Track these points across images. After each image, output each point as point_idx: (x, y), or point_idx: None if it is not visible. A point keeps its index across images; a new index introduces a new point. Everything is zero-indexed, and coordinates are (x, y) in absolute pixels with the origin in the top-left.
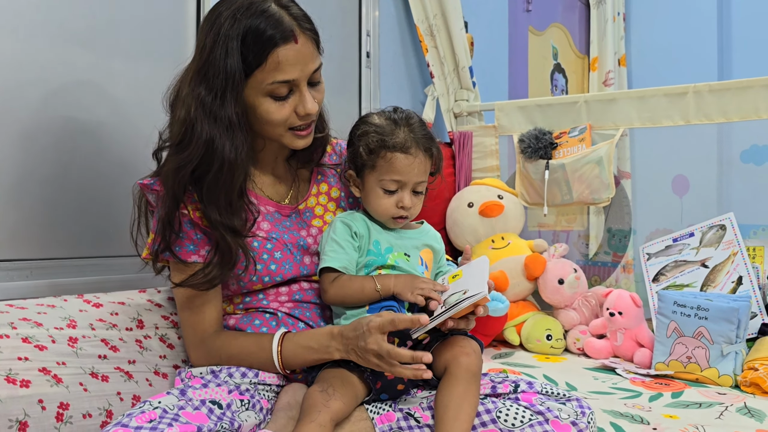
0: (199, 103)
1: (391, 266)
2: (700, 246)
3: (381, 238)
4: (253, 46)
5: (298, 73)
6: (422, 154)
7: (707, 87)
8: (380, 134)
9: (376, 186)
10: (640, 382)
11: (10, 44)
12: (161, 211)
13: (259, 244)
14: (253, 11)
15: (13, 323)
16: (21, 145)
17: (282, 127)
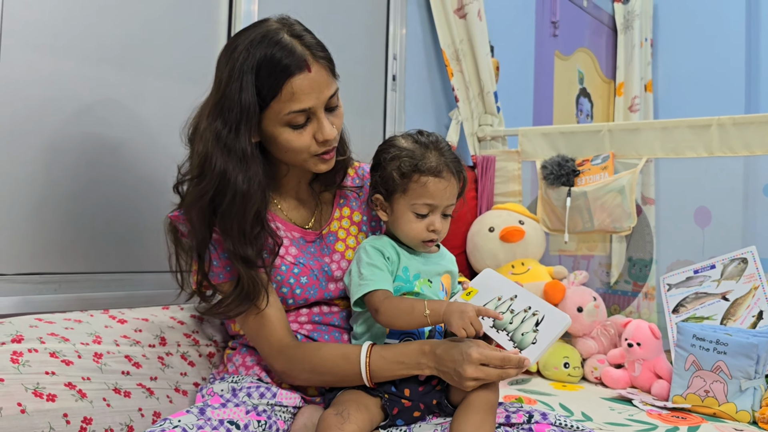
0: (215, 137)
1: (416, 293)
2: (721, 279)
3: (410, 264)
4: (267, 78)
5: (314, 101)
6: (453, 177)
7: (731, 120)
8: (412, 158)
9: (408, 210)
10: (657, 414)
11: (44, 62)
12: (192, 243)
13: (287, 268)
14: (267, 43)
15: (41, 338)
16: (50, 160)
17: (305, 154)
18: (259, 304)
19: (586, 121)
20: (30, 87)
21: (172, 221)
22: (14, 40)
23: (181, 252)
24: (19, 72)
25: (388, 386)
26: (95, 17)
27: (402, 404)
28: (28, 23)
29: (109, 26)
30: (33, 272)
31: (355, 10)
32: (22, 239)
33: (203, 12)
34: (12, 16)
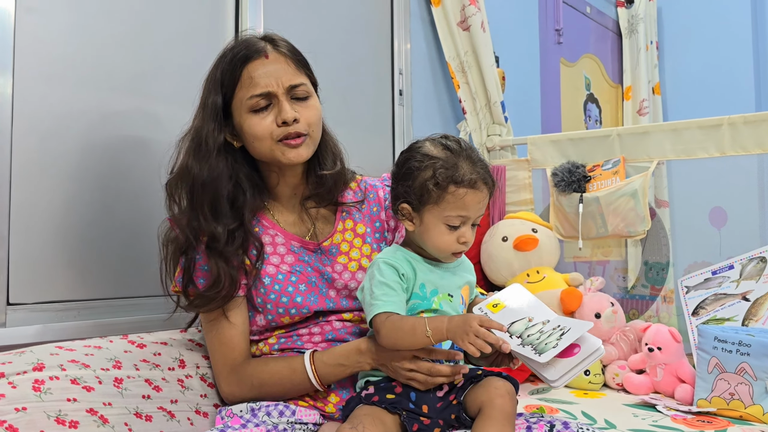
0: (192, 135)
1: (435, 310)
2: (740, 279)
3: (426, 280)
4: (228, 70)
5: (273, 86)
6: (486, 188)
7: (742, 119)
8: (447, 168)
9: (439, 222)
10: (682, 419)
11: (57, 93)
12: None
13: (284, 276)
14: (232, 45)
15: (62, 365)
16: (66, 190)
17: (269, 141)
18: (231, 297)
19: (595, 126)
20: (44, 118)
21: (171, 224)
22: (27, 72)
23: (171, 256)
24: (34, 104)
25: (406, 402)
26: (106, 48)
27: (421, 421)
28: (41, 56)
29: (119, 56)
30: (52, 300)
31: (359, 28)
32: (40, 268)
33: (211, 39)
34: (24, 49)
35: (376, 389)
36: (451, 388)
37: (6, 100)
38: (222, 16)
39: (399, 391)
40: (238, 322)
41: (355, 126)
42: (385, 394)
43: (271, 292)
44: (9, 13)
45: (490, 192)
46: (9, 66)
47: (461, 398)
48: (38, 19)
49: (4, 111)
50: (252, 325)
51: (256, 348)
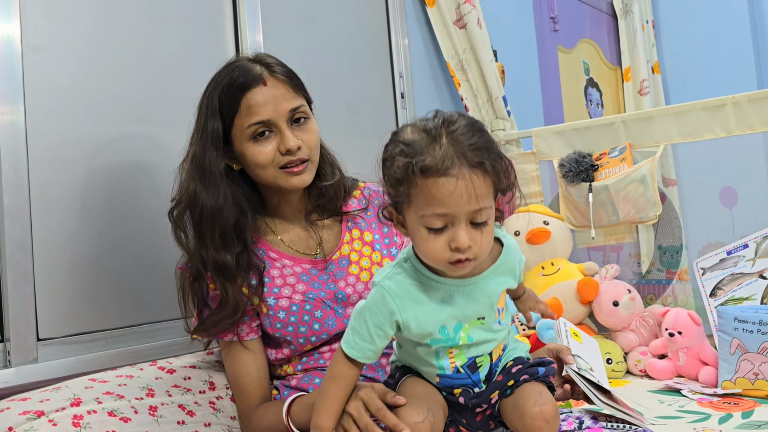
0: (191, 160)
1: (465, 345)
2: (755, 257)
3: (446, 317)
4: (226, 98)
5: (271, 113)
6: (468, 171)
7: (746, 97)
8: (407, 156)
9: (419, 225)
10: (708, 402)
11: (68, 126)
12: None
13: (298, 307)
14: (226, 70)
15: (98, 398)
16: (83, 220)
17: (272, 168)
18: (239, 326)
19: (597, 110)
20: (57, 151)
21: (181, 271)
22: (37, 107)
23: (189, 298)
24: (46, 138)
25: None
26: (110, 79)
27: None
28: (49, 90)
29: (123, 85)
30: (80, 332)
31: (357, 34)
32: (66, 302)
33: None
34: (33, 85)
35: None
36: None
37: (20, 137)
38: (221, 36)
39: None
40: (251, 371)
41: (358, 132)
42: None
43: (288, 324)
44: (17, 51)
45: (486, 176)
46: (20, 102)
47: (495, 411)
48: (44, 56)
49: (19, 148)
50: (278, 353)
51: (281, 370)
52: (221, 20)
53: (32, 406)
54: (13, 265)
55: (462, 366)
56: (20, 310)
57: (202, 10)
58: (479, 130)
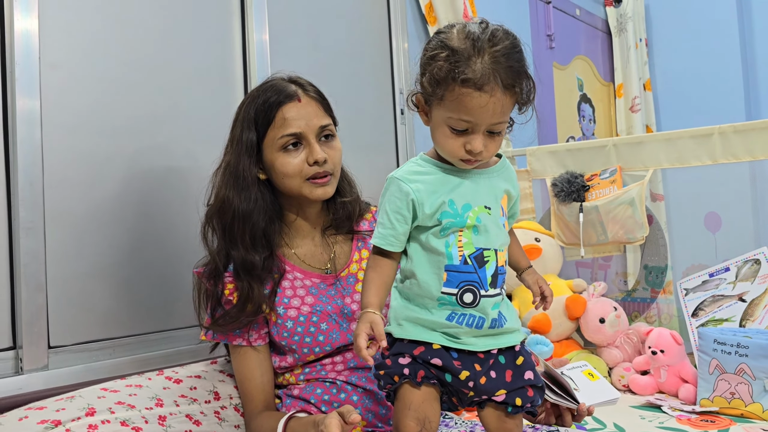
0: (225, 168)
1: (473, 226)
2: (736, 280)
3: (455, 195)
4: (262, 112)
5: (303, 127)
6: (500, 91)
7: (732, 128)
8: (451, 62)
9: (443, 123)
10: (686, 420)
11: (83, 142)
12: (210, 269)
13: (305, 318)
14: (264, 88)
15: (110, 408)
16: (96, 233)
17: (298, 178)
18: (249, 331)
19: (589, 125)
20: (71, 166)
21: (197, 275)
22: (54, 126)
23: (204, 300)
24: (61, 155)
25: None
26: (123, 97)
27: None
28: (65, 109)
29: (136, 103)
30: (89, 340)
31: (359, 51)
32: (76, 311)
33: (220, 78)
34: (49, 103)
35: (412, 361)
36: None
37: (36, 153)
38: (230, 59)
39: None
40: (255, 376)
41: (358, 147)
42: (430, 369)
43: (294, 334)
44: (35, 68)
45: (518, 97)
46: (37, 121)
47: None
48: (61, 73)
49: (35, 164)
50: (282, 362)
51: (283, 378)
52: (230, 40)
53: (49, 415)
54: (27, 275)
55: (470, 256)
56: (33, 319)
57: (212, 31)
58: (518, 52)
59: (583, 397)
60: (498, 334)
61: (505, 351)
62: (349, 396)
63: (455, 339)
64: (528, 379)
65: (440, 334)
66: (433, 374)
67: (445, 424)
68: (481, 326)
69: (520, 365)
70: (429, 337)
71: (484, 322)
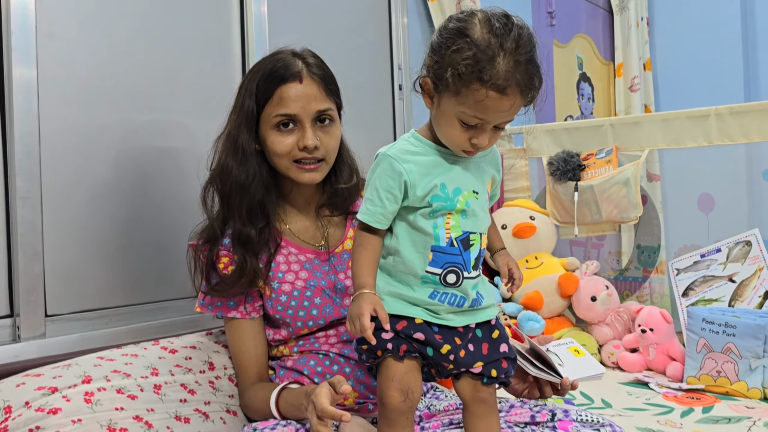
0: (226, 137)
1: (462, 210)
2: (727, 261)
3: (447, 178)
4: (264, 85)
5: (299, 109)
6: (519, 96)
7: (728, 109)
8: (477, 60)
9: (454, 116)
10: (673, 396)
11: (79, 113)
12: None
13: (299, 293)
14: (270, 59)
15: (107, 376)
16: (93, 204)
17: (286, 159)
18: (243, 304)
19: (588, 104)
20: (68, 136)
21: (192, 248)
22: (51, 96)
23: (199, 272)
24: (58, 125)
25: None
26: (121, 67)
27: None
28: (62, 80)
29: (134, 73)
30: (86, 309)
31: (358, 26)
32: (73, 281)
33: (218, 51)
34: (46, 75)
35: (395, 336)
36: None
37: (33, 123)
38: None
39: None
40: (250, 348)
41: (356, 122)
42: (412, 344)
43: (288, 308)
44: (31, 38)
45: (528, 100)
46: (34, 90)
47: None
48: (58, 43)
49: (31, 134)
50: (276, 334)
51: (277, 350)
52: (228, 14)
53: (46, 382)
54: (24, 245)
55: (456, 239)
56: (30, 287)
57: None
58: (535, 54)
59: (568, 372)
60: (475, 311)
61: (482, 325)
62: (342, 368)
63: (436, 315)
64: (503, 351)
65: (422, 309)
66: (415, 348)
67: (436, 397)
68: (462, 305)
69: (496, 338)
70: (412, 312)
71: (464, 302)
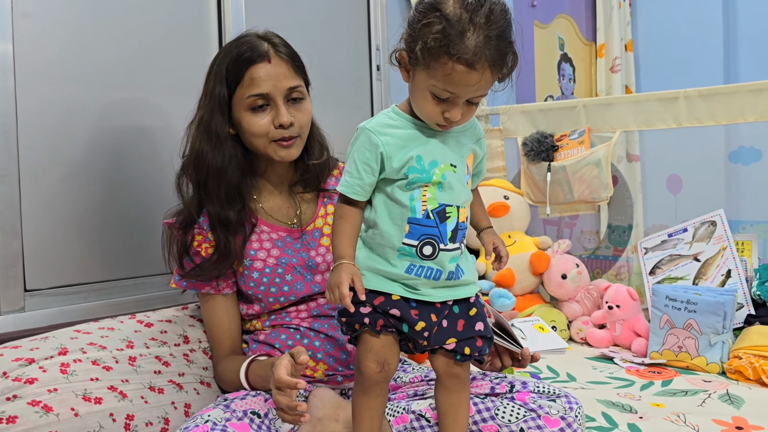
0: (198, 123)
1: (438, 183)
2: (692, 241)
3: (423, 152)
4: (233, 69)
5: (271, 87)
6: (489, 70)
7: (697, 92)
8: (446, 34)
9: (426, 89)
10: (635, 371)
11: (56, 92)
12: (180, 219)
13: (271, 270)
14: (236, 43)
15: (83, 348)
16: (70, 181)
17: (264, 139)
18: (218, 280)
19: (569, 85)
20: (46, 116)
21: (167, 226)
22: (27, 75)
23: (174, 250)
24: (35, 103)
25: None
26: (98, 46)
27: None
28: (39, 59)
29: (110, 53)
30: (63, 285)
31: (336, 5)
32: (52, 256)
33: (195, 30)
34: (23, 53)
35: (372, 311)
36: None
37: (10, 101)
38: (204, 7)
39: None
40: (223, 322)
41: (334, 102)
42: (389, 319)
43: (260, 284)
44: (7, 17)
45: (500, 74)
46: (10, 69)
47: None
48: (34, 23)
49: (8, 112)
50: (249, 309)
51: (250, 324)
52: None
53: (23, 353)
54: (3, 222)
55: (432, 211)
56: (9, 264)
57: None
58: (509, 30)
59: (531, 346)
60: (455, 286)
61: (460, 301)
62: (312, 341)
63: (414, 290)
64: (478, 330)
65: (400, 285)
66: (391, 323)
67: (403, 369)
68: (438, 278)
69: (472, 316)
70: (389, 288)
71: (441, 275)
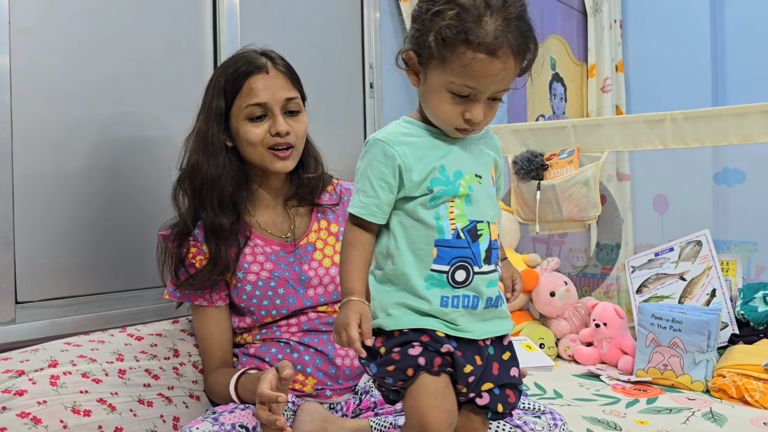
0: (196, 134)
1: (465, 195)
2: (678, 260)
3: (447, 161)
4: (232, 80)
5: (269, 97)
6: (513, 58)
7: (683, 115)
8: (462, 21)
9: (442, 87)
10: (621, 388)
11: (53, 107)
12: (175, 231)
13: (264, 283)
14: (235, 59)
15: (73, 361)
16: (65, 195)
17: (261, 147)
18: (211, 292)
19: (560, 104)
20: (41, 130)
21: (162, 238)
22: (24, 90)
23: (168, 262)
24: (31, 118)
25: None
26: (94, 63)
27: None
28: (35, 74)
29: (107, 69)
30: (55, 297)
31: (330, 25)
32: (44, 269)
33: (190, 47)
34: (20, 71)
35: (424, 350)
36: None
37: (6, 115)
38: (200, 24)
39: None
40: (215, 334)
41: (327, 120)
42: (444, 357)
43: (253, 297)
44: (4, 33)
45: (523, 64)
46: (7, 83)
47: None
48: (31, 39)
49: (4, 126)
50: (240, 322)
51: (241, 338)
52: (201, 9)
53: (13, 365)
54: None
55: (463, 229)
56: (0, 276)
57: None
58: (527, 14)
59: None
60: (492, 319)
61: (495, 342)
62: (302, 356)
63: (454, 326)
64: (513, 376)
65: (438, 320)
66: (448, 361)
67: None
68: (477, 306)
69: (506, 360)
70: (429, 324)
71: (479, 302)
